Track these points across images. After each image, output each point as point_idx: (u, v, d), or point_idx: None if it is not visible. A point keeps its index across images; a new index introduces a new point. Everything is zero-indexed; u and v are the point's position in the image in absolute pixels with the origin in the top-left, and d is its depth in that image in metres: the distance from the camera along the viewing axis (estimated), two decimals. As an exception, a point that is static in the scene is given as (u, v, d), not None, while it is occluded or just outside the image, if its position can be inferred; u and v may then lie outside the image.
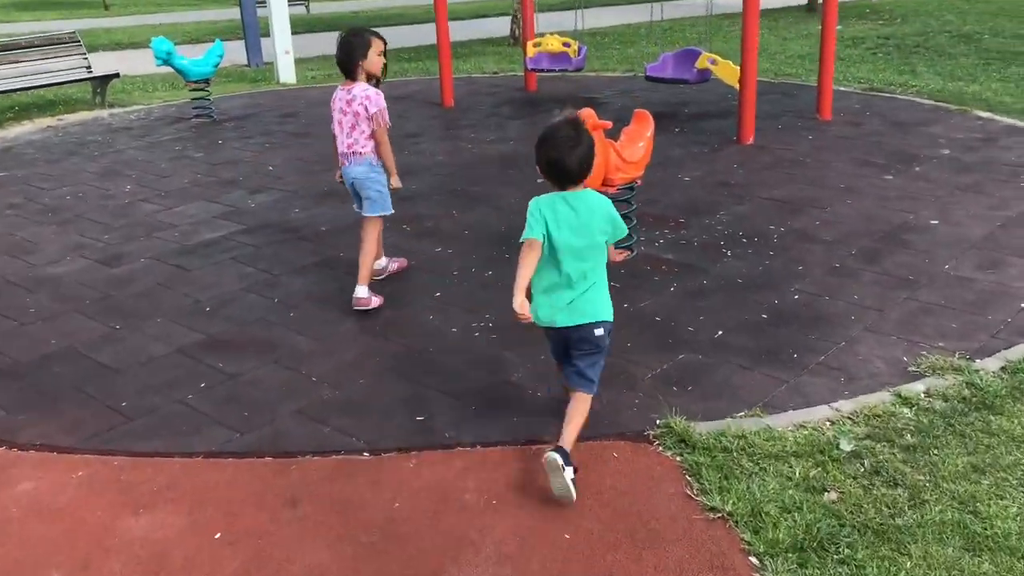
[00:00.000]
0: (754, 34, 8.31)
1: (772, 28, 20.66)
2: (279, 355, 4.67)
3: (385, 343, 4.76)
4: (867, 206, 6.64)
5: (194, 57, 11.06)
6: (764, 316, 4.89)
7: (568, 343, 3.56)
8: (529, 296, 3.43)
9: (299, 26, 26.35)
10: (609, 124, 5.04)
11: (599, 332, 3.52)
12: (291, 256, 6.13)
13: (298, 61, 17.14)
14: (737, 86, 9.05)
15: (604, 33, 19.34)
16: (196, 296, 5.49)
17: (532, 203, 3.48)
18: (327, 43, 21.35)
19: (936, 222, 6.25)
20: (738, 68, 9.10)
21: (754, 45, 8.34)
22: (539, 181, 3.63)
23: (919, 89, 11.40)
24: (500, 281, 5.49)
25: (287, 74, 14.17)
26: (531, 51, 10.94)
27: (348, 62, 4.87)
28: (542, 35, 11.29)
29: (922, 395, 4.02)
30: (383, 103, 4.99)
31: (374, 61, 4.89)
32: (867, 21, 22.26)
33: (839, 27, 20.83)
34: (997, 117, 9.53)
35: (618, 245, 4.09)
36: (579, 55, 10.70)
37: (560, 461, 3.24)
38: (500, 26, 23.93)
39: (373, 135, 5.05)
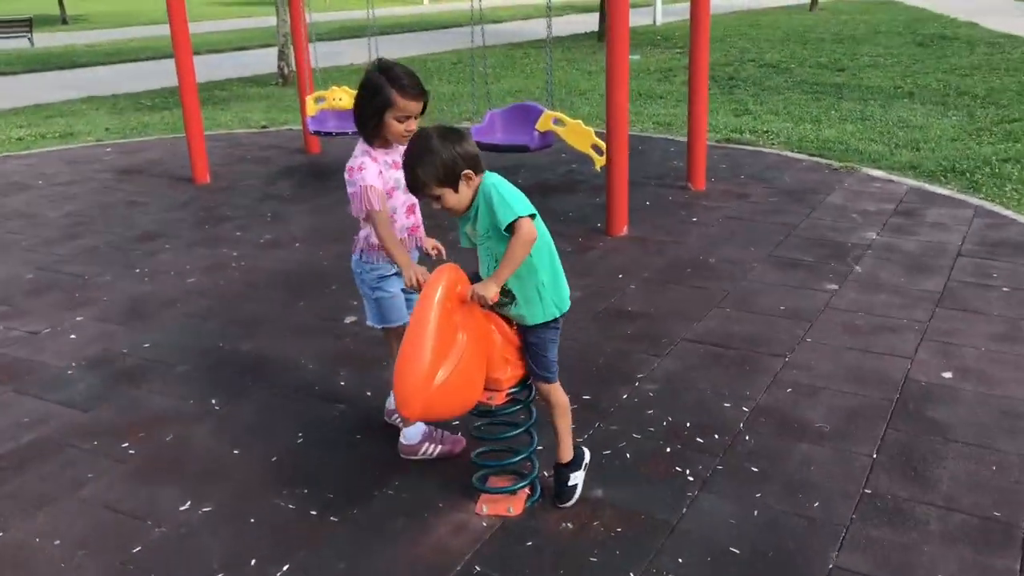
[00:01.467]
0: (623, 85, 6.11)
1: (570, 60, 18.99)
2: None
3: None
4: (839, 348, 4.55)
5: None
6: (823, 660, 2.58)
7: None
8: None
9: (16, 64, 22.12)
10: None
11: None
12: None
13: (7, 114, 13.59)
14: (594, 155, 6.88)
15: (388, 69, 16.84)
16: None
17: (503, 183, 3.02)
18: (51, 87, 17.58)
19: (949, 375, 4.23)
20: (591, 130, 6.94)
21: (623, 101, 6.14)
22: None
23: (775, 137, 9.75)
24: (308, 602, 2.90)
25: (-22, 138, 10.69)
26: (312, 108, 8.29)
27: (357, 122, 3.48)
28: (324, 80, 8.66)
29: None
30: (365, 178, 3.36)
31: (392, 128, 3.38)
32: (660, 49, 21.12)
33: (636, 57, 19.47)
34: (891, 176, 7.90)
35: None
36: (377, 112, 8.18)
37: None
38: (265, 60, 20.93)
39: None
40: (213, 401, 4.22)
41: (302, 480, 3.56)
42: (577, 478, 3.36)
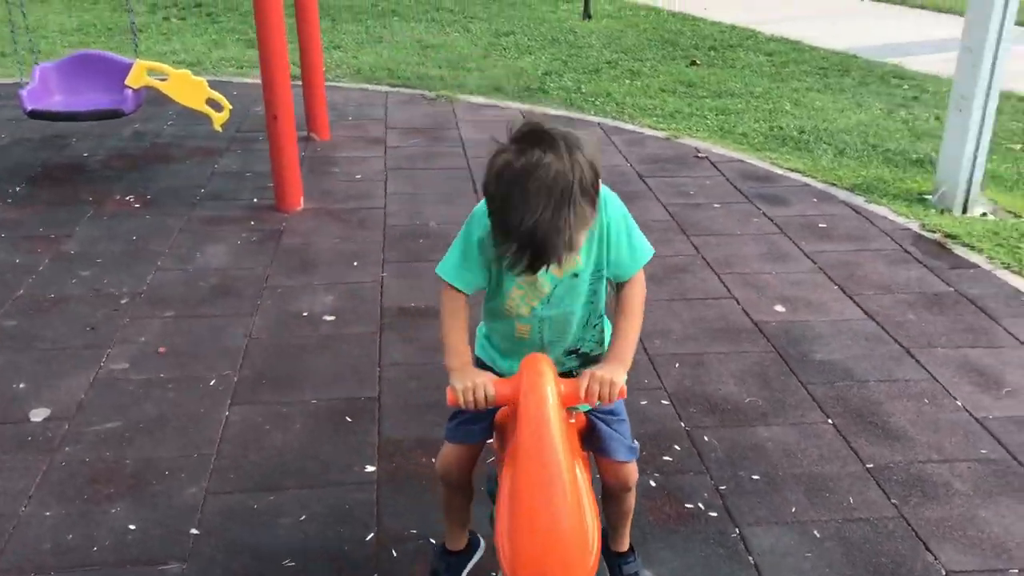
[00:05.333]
0: (277, 22, 4.80)
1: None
2: None
3: None
4: (664, 301, 4.13)
5: None
6: None
7: None
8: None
9: None
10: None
11: None
12: None
13: None
14: (211, 112, 5.46)
15: None
16: None
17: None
18: None
19: (782, 308, 4.10)
20: (203, 81, 5.49)
21: (279, 44, 4.84)
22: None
23: (345, 66, 8.79)
24: None
25: None
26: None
27: None
28: None
29: None
30: None
31: None
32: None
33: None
34: (494, 101, 7.58)
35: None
36: None
37: None
38: None
39: None
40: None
41: None
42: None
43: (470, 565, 2.50)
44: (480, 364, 2.17)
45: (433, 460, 3.01)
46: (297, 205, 5.10)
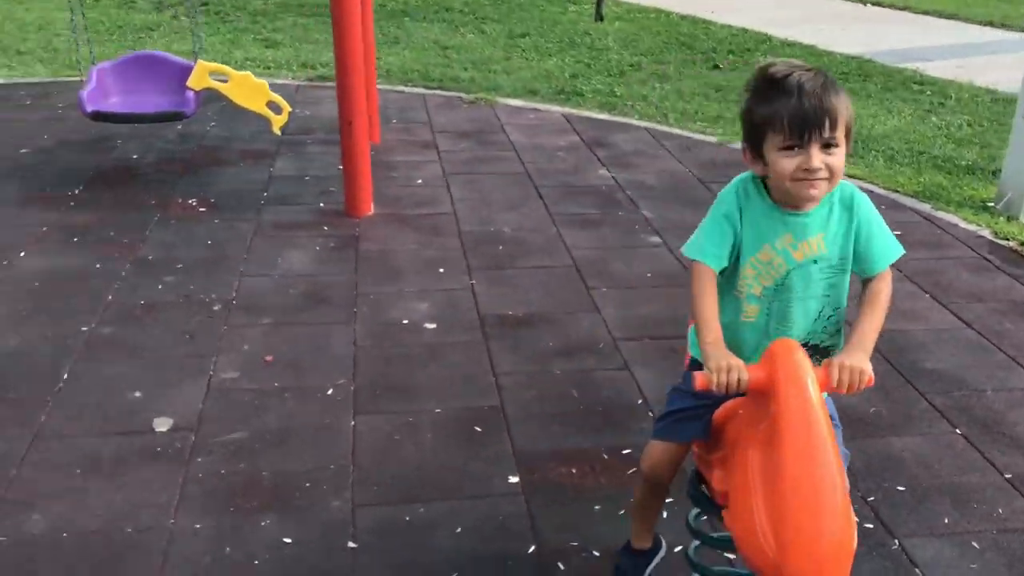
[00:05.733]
0: (354, 14, 4.74)
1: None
2: None
3: None
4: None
5: None
6: None
7: None
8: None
9: None
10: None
11: None
12: None
13: None
14: (270, 114, 5.38)
15: None
16: None
17: None
18: None
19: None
20: (264, 83, 5.41)
21: (354, 41, 4.78)
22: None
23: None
24: None
25: None
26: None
27: None
28: None
29: None
30: None
31: None
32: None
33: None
34: (534, 105, 7.53)
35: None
36: None
37: None
38: None
39: None
40: None
41: None
42: None
43: (652, 565, 2.53)
44: (694, 365, 2.18)
45: (573, 471, 3.02)
46: (368, 210, 5.04)
